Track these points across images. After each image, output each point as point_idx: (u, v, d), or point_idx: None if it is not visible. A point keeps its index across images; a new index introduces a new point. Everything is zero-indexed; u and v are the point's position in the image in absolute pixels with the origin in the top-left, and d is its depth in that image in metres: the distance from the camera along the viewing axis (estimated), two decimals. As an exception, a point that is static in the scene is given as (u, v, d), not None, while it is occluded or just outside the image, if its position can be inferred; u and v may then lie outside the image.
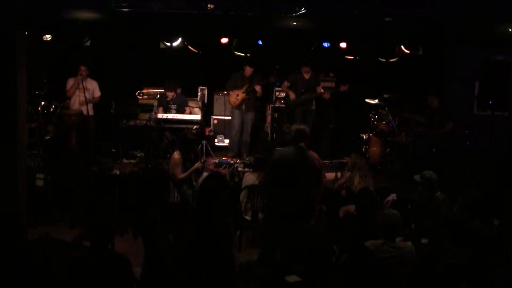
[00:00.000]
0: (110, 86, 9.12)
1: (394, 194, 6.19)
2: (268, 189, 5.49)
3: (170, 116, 8.41)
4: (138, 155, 8.67)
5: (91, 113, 8.51)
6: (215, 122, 9.84)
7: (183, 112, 8.74)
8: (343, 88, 8.66)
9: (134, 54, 9.58)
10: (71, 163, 7.77)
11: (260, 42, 8.96)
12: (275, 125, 9.32)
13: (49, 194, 7.10)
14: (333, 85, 9.51)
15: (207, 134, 9.36)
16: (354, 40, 8.88)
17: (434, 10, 7.79)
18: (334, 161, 8.93)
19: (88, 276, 3.55)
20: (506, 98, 7.39)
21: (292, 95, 8.84)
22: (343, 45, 8.96)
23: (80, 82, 8.30)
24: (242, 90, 8.83)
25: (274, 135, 9.22)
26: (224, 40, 8.94)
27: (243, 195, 6.53)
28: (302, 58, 8.89)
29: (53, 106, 8.23)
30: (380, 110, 8.78)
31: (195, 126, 8.40)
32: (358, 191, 5.72)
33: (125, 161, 8.58)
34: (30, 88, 6.29)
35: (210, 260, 3.73)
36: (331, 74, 9.80)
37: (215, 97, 9.91)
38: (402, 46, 9.05)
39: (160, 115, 8.40)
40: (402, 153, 8.40)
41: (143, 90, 9.55)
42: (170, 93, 8.70)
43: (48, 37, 8.57)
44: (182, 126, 8.36)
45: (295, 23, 8.24)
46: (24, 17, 7.15)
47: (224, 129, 9.72)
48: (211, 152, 8.84)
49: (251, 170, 7.09)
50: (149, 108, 9.01)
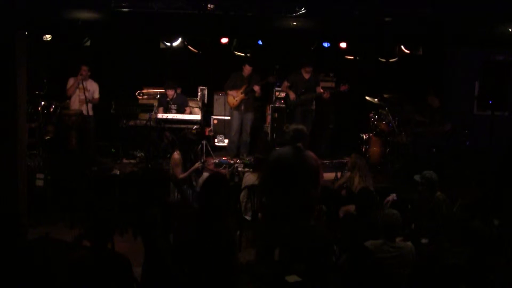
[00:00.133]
0: (110, 86, 9.12)
1: (394, 194, 6.19)
2: (265, 189, 5.49)
3: (170, 116, 8.42)
4: (138, 155, 8.67)
5: (91, 113, 8.52)
6: (215, 122, 9.84)
7: (183, 112, 8.74)
8: (343, 87, 8.66)
9: (134, 54, 9.58)
10: (71, 163, 7.76)
11: (260, 42, 8.97)
12: (275, 125, 9.32)
13: (49, 194, 7.09)
14: (333, 85, 9.52)
15: (207, 134, 9.36)
16: (354, 40, 8.88)
17: (434, 10, 7.80)
18: (334, 161, 8.93)
19: (88, 276, 3.55)
20: (506, 98, 7.40)
21: (292, 95, 8.84)
22: (343, 45, 8.96)
23: (80, 82, 8.31)
24: (241, 90, 8.82)
25: (274, 135, 9.22)
26: (224, 40, 8.95)
27: (243, 195, 6.52)
28: (304, 58, 8.87)
29: (53, 106, 8.23)
30: (380, 110, 8.78)
31: (195, 126, 8.41)
32: (358, 191, 5.72)
33: (125, 161, 8.58)
34: (30, 88, 6.29)
35: (213, 260, 3.72)
36: (331, 74, 9.80)
37: (215, 97, 9.92)
38: (402, 46, 9.05)
39: (160, 115, 8.41)
40: (402, 153, 8.39)
41: (143, 90, 9.55)
42: (170, 92, 8.70)
43: (48, 37, 8.58)
44: (182, 126, 8.38)
45: (295, 23, 8.24)
46: (24, 17, 7.14)
47: (224, 129, 9.72)
48: (211, 152, 8.83)
49: (251, 170, 7.10)
50: (149, 108, 9.02)
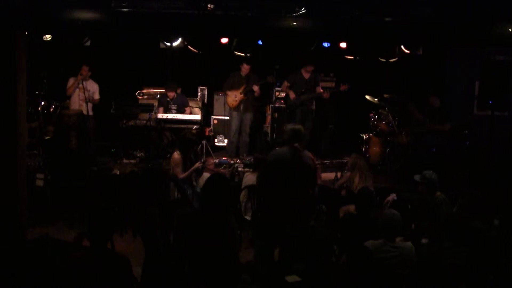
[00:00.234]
0: (110, 86, 9.13)
1: (394, 194, 6.17)
2: (262, 189, 5.49)
3: (170, 116, 8.42)
4: (138, 155, 8.66)
5: (91, 113, 8.53)
6: (215, 122, 9.84)
7: (183, 112, 8.75)
8: (343, 87, 8.66)
9: (134, 54, 9.58)
10: (71, 163, 7.76)
11: (260, 42, 8.96)
12: (275, 125, 9.30)
13: (49, 194, 7.10)
14: (333, 85, 9.52)
15: (207, 134, 9.36)
16: (354, 40, 8.88)
17: (434, 10, 7.79)
18: (334, 161, 8.91)
19: (88, 276, 3.55)
20: (506, 98, 7.38)
21: (292, 95, 8.83)
22: (343, 45, 8.95)
23: (80, 81, 8.31)
24: (240, 90, 8.81)
25: (274, 135, 9.22)
26: (224, 40, 8.94)
27: (243, 195, 6.53)
28: (306, 57, 8.85)
29: (53, 106, 8.24)
30: (380, 110, 8.78)
31: (195, 126, 8.42)
32: (358, 191, 5.73)
33: (125, 161, 8.56)
34: (30, 88, 6.28)
35: (215, 260, 3.71)
36: (331, 74, 9.80)
37: (215, 97, 9.92)
38: (402, 46, 9.04)
39: (160, 115, 8.41)
40: (402, 153, 8.39)
41: (143, 90, 9.55)
42: (171, 93, 8.71)
43: (48, 37, 8.58)
44: (182, 126, 8.38)
45: (295, 23, 8.24)
46: (24, 17, 7.15)
47: (224, 129, 9.71)
48: (211, 152, 8.82)
49: (251, 170, 7.09)
50: (149, 108, 9.02)
